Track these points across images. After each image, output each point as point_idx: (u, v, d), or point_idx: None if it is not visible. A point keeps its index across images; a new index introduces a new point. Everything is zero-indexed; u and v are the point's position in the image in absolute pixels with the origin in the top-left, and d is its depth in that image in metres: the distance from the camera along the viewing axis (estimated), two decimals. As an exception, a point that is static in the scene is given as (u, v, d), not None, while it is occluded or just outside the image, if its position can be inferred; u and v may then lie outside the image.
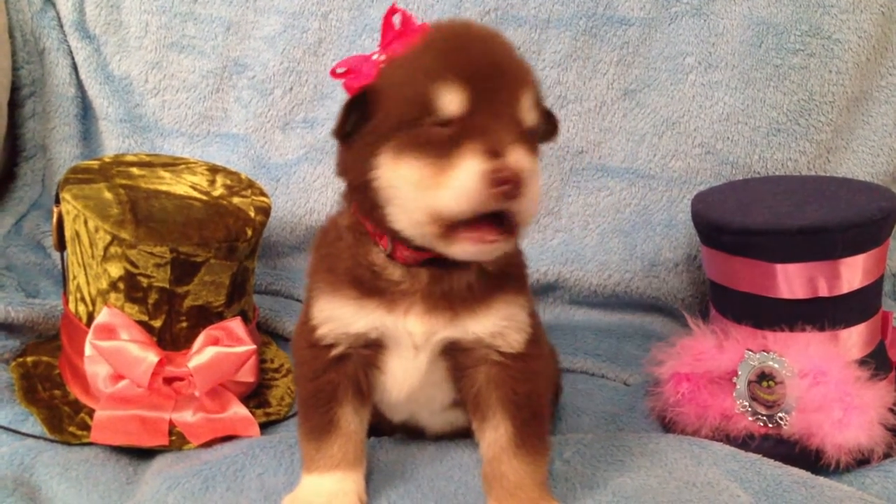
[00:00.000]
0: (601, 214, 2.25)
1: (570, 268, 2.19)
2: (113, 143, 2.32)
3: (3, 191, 2.37)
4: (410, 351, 1.35)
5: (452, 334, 1.34)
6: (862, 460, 1.58)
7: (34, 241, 2.26)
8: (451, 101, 1.19)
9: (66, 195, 1.67)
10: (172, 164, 1.88)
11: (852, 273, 1.64)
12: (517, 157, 1.18)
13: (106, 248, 1.61)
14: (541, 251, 2.24)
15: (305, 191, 2.28)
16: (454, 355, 1.37)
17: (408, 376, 1.39)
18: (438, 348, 1.36)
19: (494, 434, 1.38)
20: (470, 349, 1.36)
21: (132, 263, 1.61)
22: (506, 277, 1.36)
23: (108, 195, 1.68)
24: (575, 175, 2.26)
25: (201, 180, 1.83)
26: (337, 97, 2.25)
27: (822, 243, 1.61)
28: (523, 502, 1.35)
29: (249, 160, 2.29)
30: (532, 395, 1.38)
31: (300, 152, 2.30)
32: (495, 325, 1.34)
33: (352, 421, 1.40)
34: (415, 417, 1.53)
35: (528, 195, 1.19)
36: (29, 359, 1.80)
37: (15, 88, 2.36)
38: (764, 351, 1.66)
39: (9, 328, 1.87)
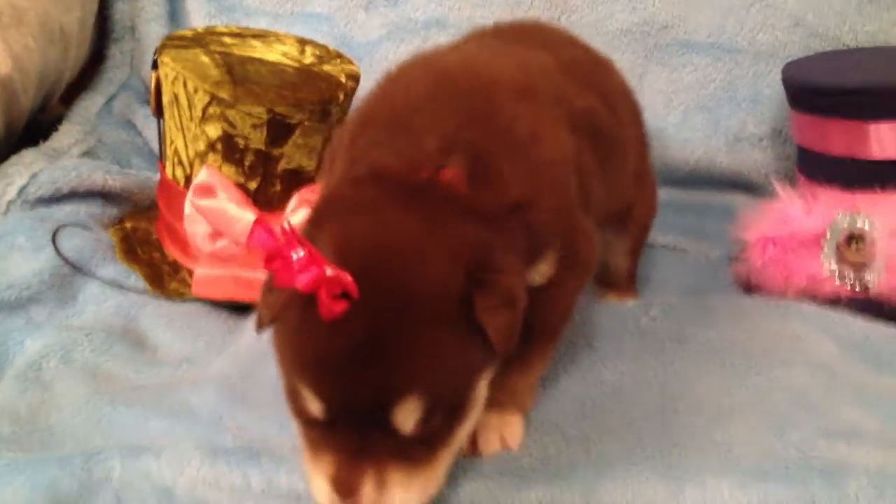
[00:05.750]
0: (685, 91, 2.23)
1: (653, 146, 2.17)
2: (199, 22, 2.34)
3: (93, 73, 2.42)
4: None
5: None
6: (953, 316, 1.59)
7: (125, 120, 2.31)
8: (310, 402, 1.03)
9: (164, 58, 1.71)
10: (262, 36, 1.91)
11: (946, 131, 1.63)
12: (370, 498, 1.02)
13: (204, 109, 1.65)
14: (623, 130, 2.23)
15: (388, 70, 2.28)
16: None
17: None
18: None
19: None
20: None
21: (230, 124, 1.65)
22: None
23: (205, 59, 1.72)
24: (658, 51, 2.23)
25: (291, 50, 1.86)
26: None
27: (917, 100, 1.61)
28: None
29: (332, 39, 2.29)
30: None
31: (383, 31, 2.30)
32: None
33: None
34: None
35: None
36: (128, 223, 1.87)
37: (103, -32, 2.39)
38: (854, 212, 1.66)
39: (106, 196, 1.92)
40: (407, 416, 1.00)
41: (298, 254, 0.95)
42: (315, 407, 1.02)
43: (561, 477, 1.19)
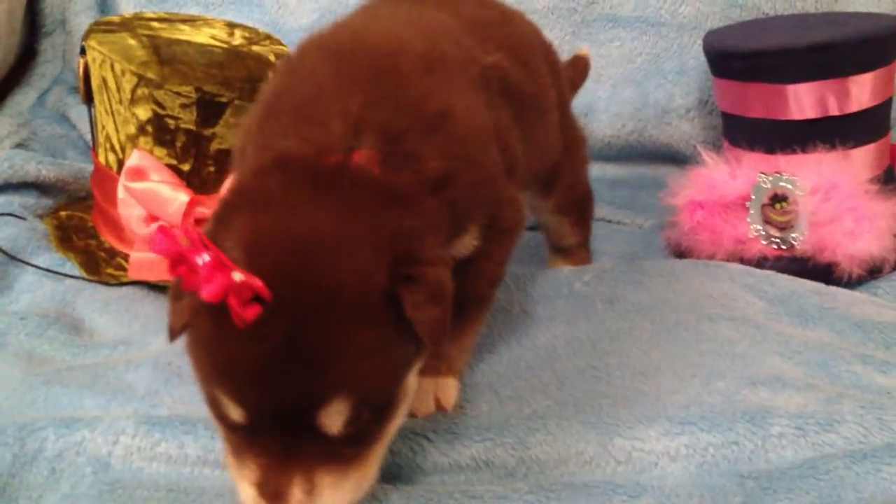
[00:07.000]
0: (613, 66, 2.27)
1: (584, 121, 2.22)
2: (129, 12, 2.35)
3: (24, 68, 2.40)
4: None
5: None
6: (874, 270, 1.64)
7: (59, 114, 2.30)
8: (231, 410, 0.96)
9: (91, 42, 1.71)
10: (191, 20, 1.91)
11: (861, 91, 1.68)
12: (300, 503, 0.97)
13: (133, 91, 1.65)
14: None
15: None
16: None
17: None
18: None
19: None
20: None
21: (159, 105, 1.65)
22: None
23: (131, 41, 1.71)
24: (586, 27, 2.28)
25: (220, 32, 1.86)
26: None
27: (832, 60, 1.65)
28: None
29: (264, 25, 2.29)
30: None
31: (314, 16, 2.32)
32: None
33: None
34: None
35: None
36: (62, 213, 1.86)
37: (31, -40, 2.38)
38: (777, 173, 1.70)
39: (40, 187, 1.91)
40: (333, 418, 0.95)
41: (203, 259, 0.88)
42: (236, 413, 0.96)
43: (494, 434, 1.21)
